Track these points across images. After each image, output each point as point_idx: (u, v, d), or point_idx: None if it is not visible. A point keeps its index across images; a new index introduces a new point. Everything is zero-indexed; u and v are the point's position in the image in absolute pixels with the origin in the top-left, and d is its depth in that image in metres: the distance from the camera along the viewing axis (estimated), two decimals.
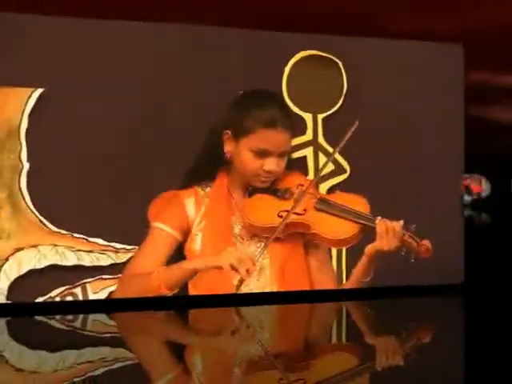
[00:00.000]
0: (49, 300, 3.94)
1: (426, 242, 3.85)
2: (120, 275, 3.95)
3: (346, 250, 4.50)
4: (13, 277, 3.88)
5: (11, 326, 3.64)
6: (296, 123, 4.14)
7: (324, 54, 4.43)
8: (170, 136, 4.09)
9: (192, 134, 4.02)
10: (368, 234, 3.87)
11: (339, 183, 4.45)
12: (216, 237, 4.07)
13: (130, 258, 3.98)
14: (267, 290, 4.05)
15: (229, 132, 3.94)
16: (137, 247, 3.95)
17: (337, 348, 3.60)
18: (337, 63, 4.46)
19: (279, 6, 4.67)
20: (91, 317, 3.80)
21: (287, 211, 4.07)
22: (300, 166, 4.31)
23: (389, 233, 3.90)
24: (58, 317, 3.75)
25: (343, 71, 4.48)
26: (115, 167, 4.02)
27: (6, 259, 3.87)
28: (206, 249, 4.04)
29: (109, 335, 3.39)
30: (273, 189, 4.06)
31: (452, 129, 4.67)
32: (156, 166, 4.07)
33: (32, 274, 3.91)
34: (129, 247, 4.05)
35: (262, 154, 3.92)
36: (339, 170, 4.43)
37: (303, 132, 4.38)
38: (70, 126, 3.95)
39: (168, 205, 3.95)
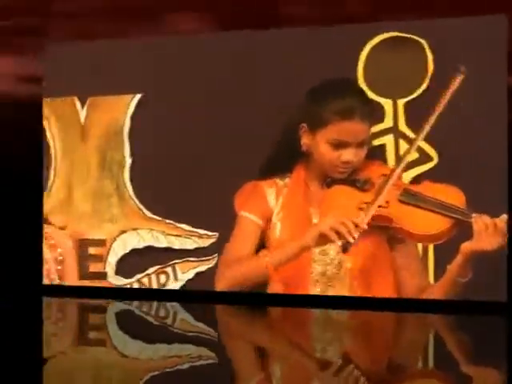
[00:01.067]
0: (145, 276, 4.26)
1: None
2: (203, 258, 4.10)
3: (434, 246, 3.77)
4: (120, 254, 4.30)
5: (120, 317, 4.09)
6: (375, 110, 3.78)
7: (406, 35, 3.78)
8: (251, 129, 4.00)
9: (271, 127, 3.92)
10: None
11: (426, 172, 3.75)
12: (294, 227, 3.95)
13: (212, 244, 4.09)
14: (346, 285, 3.80)
15: (305, 125, 3.81)
16: (217, 233, 4.06)
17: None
18: (421, 44, 3.77)
19: None
20: (180, 316, 4.03)
21: (368, 203, 3.77)
22: (379, 154, 3.81)
23: (488, 230, 3.35)
24: (153, 313, 4.08)
25: (428, 52, 3.76)
26: (202, 161, 4.09)
27: (114, 239, 4.32)
28: (285, 238, 3.97)
29: (195, 334, 3.60)
30: (352, 180, 3.76)
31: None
32: (237, 158, 4.04)
33: (134, 252, 4.27)
34: (210, 233, 4.12)
35: (339, 145, 3.69)
36: (424, 158, 3.72)
37: (382, 119, 3.81)
38: (163, 124, 4.16)
39: (251, 195, 3.96)
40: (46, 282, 4.38)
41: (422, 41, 3.73)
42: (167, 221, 4.17)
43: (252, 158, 3.93)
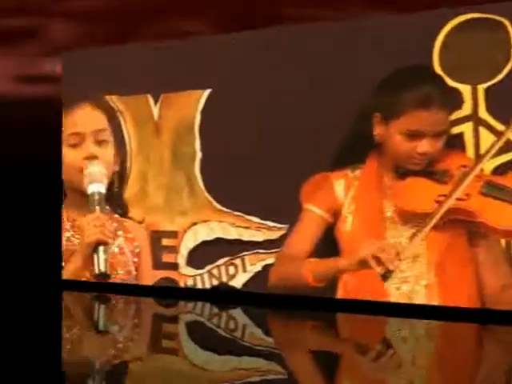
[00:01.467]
0: (215, 267, 3.40)
1: None
2: (272, 250, 3.24)
3: None
4: (191, 245, 3.47)
5: (191, 327, 3.18)
6: (453, 97, 2.89)
7: (486, 16, 2.84)
8: (321, 120, 3.13)
9: (341, 117, 3.07)
10: None
11: (511, 162, 2.79)
12: (366, 220, 3.14)
13: (282, 236, 3.22)
14: (423, 280, 2.95)
15: (378, 115, 3.00)
16: (287, 226, 3.19)
17: None
18: (503, 24, 2.82)
19: None
20: (249, 330, 3.06)
21: (446, 196, 2.93)
22: (457, 143, 2.90)
23: None
24: (223, 326, 3.14)
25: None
26: (269, 154, 3.26)
27: (186, 231, 3.48)
28: (357, 231, 3.15)
29: (264, 348, 2.70)
30: (428, 171, 2.95)
31: None
32: (306, 150, 3.17)
33: (204, 244, 3.44)
34: (280, 226, 3.23)
35: (414, 135, 2.92)
36: (507, 146, 2.78)
37: (460, 106, 2.86)
38: (232, 118, 3.35)
39: (318, 187, 3.16)
40: (121, 273, 3.54)
41: (504, 20, 2.77)
42: (236, 213, 3.31)
43: (323, 150, 3.11)
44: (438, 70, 2.90)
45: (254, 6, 3.28)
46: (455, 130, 2.87)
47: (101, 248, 3.11)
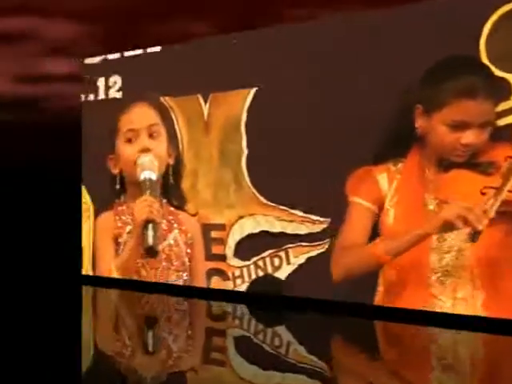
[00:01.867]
0: (260, 259, 2.81)
1: None
2: (315, 243, 2.64)
3: None
4: (237, 238, 2.90)
5: (240, 343, 2.51)
6: (500, 87, 2.24)
7: None
8: (362, 113, 2.52)
9: (383, 110, 2.45)
10: None
11: None
12: (408, 213, 2.53)
13: (324, 230, 2.61)
14: (467, 273, 2.31)
15: (420, 106, 2.39)
16: (329, 219, 2.58)
17: None
18: None
19: None
20: (293, 347, 2.37)
21: (492, 188, 2.29)
22: (505, 135, 2.23)
23: None
24: (268, 342, 2.43)
25: None
26: (315, 149, 2.68)
27: (233, 224, 2.90)
28: (399, 224, 2.57)
29: (308, 366, 2.11)
30: (473, 163, 2.33)
31: None
32: (349, 145, 2.56)
33: (249, 236, 2.86)
34: (322, 219, 2.62)
35: (458, 126, 2.32)
36: None
37: (508, 97, 2.19)
38: (276, 115, 2.77)
39: (363, 180, 2.57)
40: (176, 264, 3.00)
41: None
42: (281, 207, 2.71)
43: (365, 144, 2.47)
44: (484, 59, 2.24)
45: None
46: (504, 121, 2.21)
47: (150, 225, 2.75)
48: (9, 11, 3.18)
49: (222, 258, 2.97)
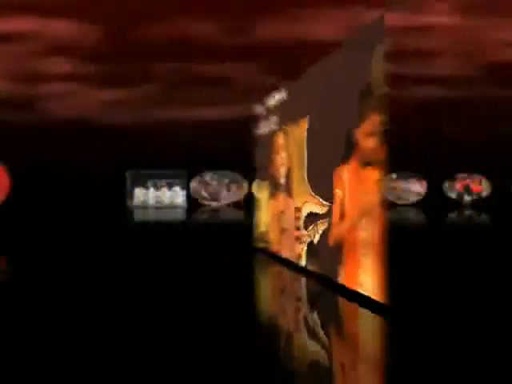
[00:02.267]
0: (311, 229, 4.39)
1: None
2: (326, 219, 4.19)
3: None
4: (304, 216, 4.53)
5: None
6: None
7: None
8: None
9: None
10: None
11: None
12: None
13: (329, 210, 4.14)
14: None
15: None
16: (332, 204, 4.13)
17: None
18: None
19: None
20: None
21: None
22: None
23: None
24: None
25: None
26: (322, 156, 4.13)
27: (302, 207, 4.56)
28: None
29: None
30: None
31: None
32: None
33: (307, 215, 4.48)
34: (325, 203, 4.14)
35: None
36: None
37: None
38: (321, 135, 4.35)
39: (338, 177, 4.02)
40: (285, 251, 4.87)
41: None
42: (316, 197, 4.36)
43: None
44: None
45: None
46: None
47: None
48: (9, 11, 3.39)
49: (299, 228, 4.66)
